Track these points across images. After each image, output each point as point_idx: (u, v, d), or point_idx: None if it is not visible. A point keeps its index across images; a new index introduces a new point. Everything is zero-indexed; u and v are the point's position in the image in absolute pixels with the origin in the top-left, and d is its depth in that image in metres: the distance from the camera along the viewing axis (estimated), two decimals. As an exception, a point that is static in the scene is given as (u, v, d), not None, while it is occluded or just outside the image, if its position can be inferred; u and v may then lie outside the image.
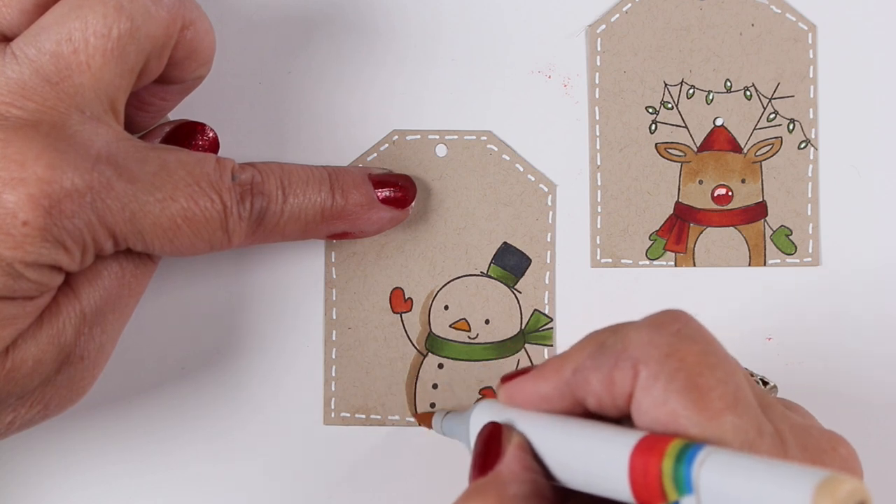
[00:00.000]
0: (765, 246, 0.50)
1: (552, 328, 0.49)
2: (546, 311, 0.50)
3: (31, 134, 0.38)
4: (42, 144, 0.38)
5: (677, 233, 0.50)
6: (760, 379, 0.45)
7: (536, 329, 0.49)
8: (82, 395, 0.42)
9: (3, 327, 0.39)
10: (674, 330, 0.36)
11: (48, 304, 0.40)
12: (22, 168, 0.38)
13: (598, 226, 0.50)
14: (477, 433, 0.41)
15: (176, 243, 0.41)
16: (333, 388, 0.49)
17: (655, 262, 0.50)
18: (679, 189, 0.50)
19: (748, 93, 0.50)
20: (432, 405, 0.49)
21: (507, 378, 0.41)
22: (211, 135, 0.46)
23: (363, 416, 0.49)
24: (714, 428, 0.35)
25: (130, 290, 0.43)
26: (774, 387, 0.45)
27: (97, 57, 0.39)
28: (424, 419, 0.49)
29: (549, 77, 0.50)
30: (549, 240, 0.50)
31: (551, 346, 0.49)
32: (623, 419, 0.38)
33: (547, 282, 0.50)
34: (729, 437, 0.35)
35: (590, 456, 0.37)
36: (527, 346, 0.49)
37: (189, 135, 0.46)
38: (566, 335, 0.50)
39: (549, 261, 0.50)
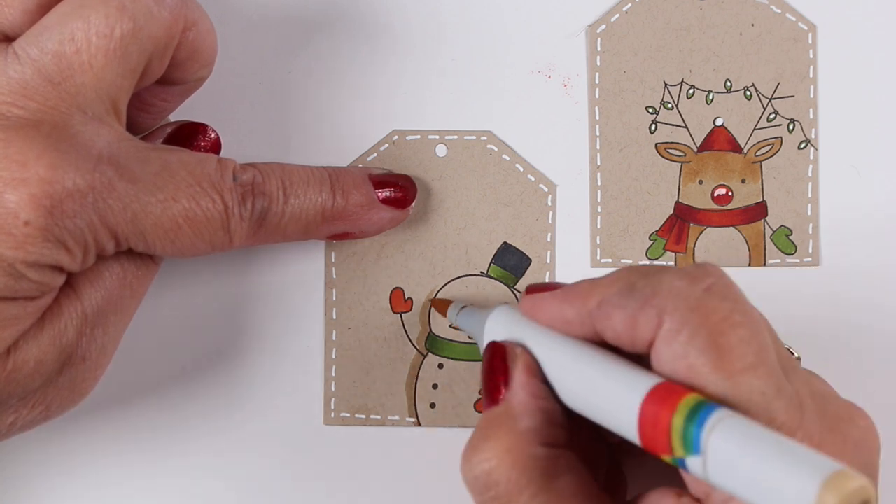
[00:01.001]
0: (765, 246, 0.50)
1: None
2: (546, 311, 0.50)
3: (33, 134, 0.38)
4: (44, 144, 0.38)
5: (677, 233, 0.50)
6: (787, 349, 0.45)
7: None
8: (84, 395, 0.42)
9: (5, 328, 0.39)
10: (705, 285, 0.36)
11: (50, 305, 0.40)
12: (23, 168, 0.38)
13: (598, 226, 0.50)
14: (488, 340, 0.41)
15: (177, 244, 0.41)
16: (333, 388, 0.49)
17: (655, 262, 0.50)
18: (679, 189, 0.50)
19: (748, 93, 0.50)
20: (433, 405, 0.49)
21: (532, 290, 0.41)
22: (213, 135, 0.46)
23: (363, 416, 0.49)
24: (731, 387, 0.35)
25: (132, 290, 0.43)
26: (798, 358, 0.45)
27: (99, 57, 0.39)
28: (440, 306, 0.48)
29: (549, 77, 0.50)
30: (549, 240, 0.50)
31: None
32: (641, 358, 0.38)
33: (547, 282, 0.50)
34: (745, 398, 0.35)
35: (602, 390, 0.37)
36: (527, 346, 0.49)
37: (191, 135, 0.46)
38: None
39: (549, 261, 0.50)
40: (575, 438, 0.39)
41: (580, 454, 0.39)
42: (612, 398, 0.36)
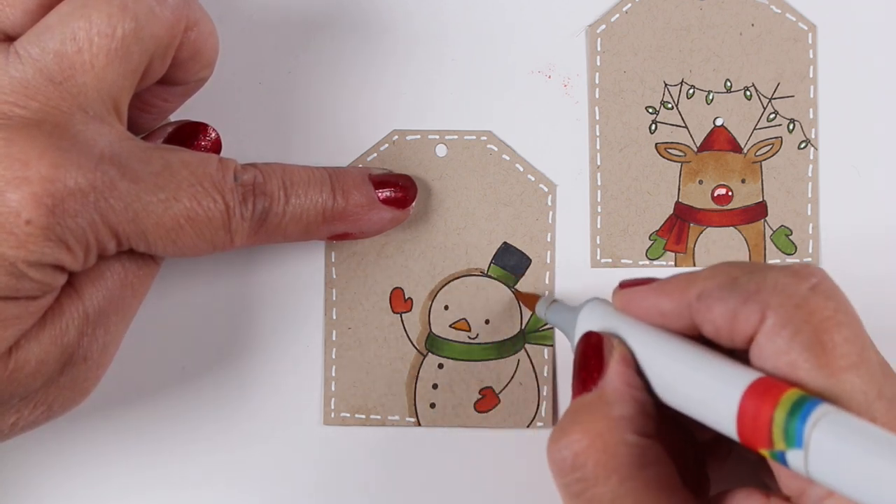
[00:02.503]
0: (765, 246, 0.50)
1: (552, 328, 0.49)
2: (546, 311, 0.50)
3: (35, 133, 0.38)
4: (45, 144, 0.38)
5: (677, 233, 0.50)
6: None
7: (536, 329, 0.49)
8: (86, 395, 0.42)
9: (6, 327, 0.39)
10: (810, 283, 0.37)
11: (51, 305, 0.40)
12: (25, 167, 0.38)
13: (598, 226, 0.50)
14: (583, 332, 0.42)
15: (178, 243, 0.41)
16: (333, 389, 0.49)
17: (655, 262, 0.50)
18: (679, 189, 0.50)
19: (748, 93, 0.50)
20: (433, 405, 0.49)
21: (626, 284, 0.41)
22: (213, 135, 0.46)
23: (363, 416, 0.49)
24: (833, 385, 0.35)
25: (133, 290, 0.43)
26: None
27: (101, 56, 0.39)
28: (528, 301, 0.48)
29: (549, 77, 0.50)
30: (549, 240, 0.50)
31: (551, 345, 0.49)
32: (735, 352, 0.38)
33: (547, 282, 0.50)
34: (847, 396, 0.35)
35: (700, 384, 0.37)
36: (527, 346, 0.49)
37: (192, 135, 0.46)
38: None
39: (549, 261, 0.50)
40: (663, 432, 0.40)
41: (667, 448, 0.39)
42: (710, 391, 0.37)
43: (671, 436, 0.41)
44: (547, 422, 0.49)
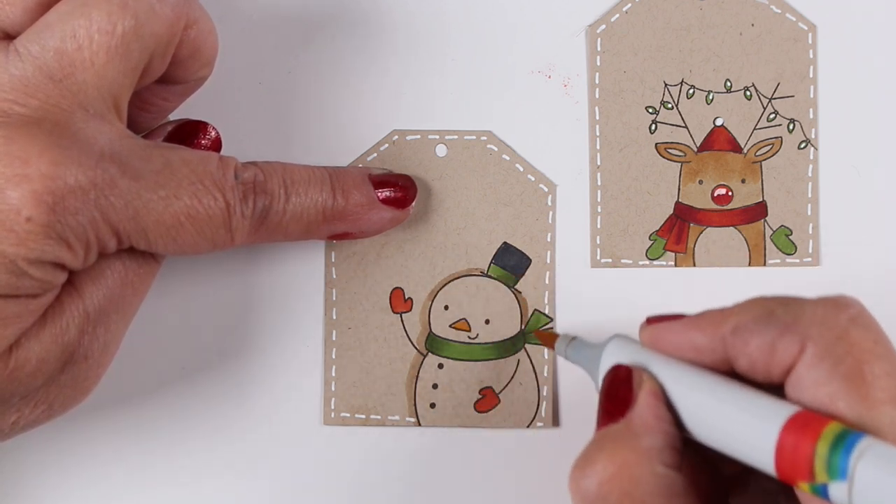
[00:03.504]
0: (765, 246, 0.50)
1: (552, 328, 0.49)
2: (546, 311, 0.50)
3: (35, 131, 0.38)
4: (45, 141, 0.38)
5: (677, 233, 0.50)
6: None
7: (536, 329, 0.49)
8: (86, 394, 0.42)
9: (7, 326, 0.39)
10: (850, 315, 0.37)
11: (52, 303, 0.40)
12: (25, 165, 0.38)
13: (598, 226, 0.50)
14: (609, 365, 0.41)
15: (179, 242, 0.41)
16: (333, 388, 0.49)
17: (655, 262, 0.50)
18: (679, 189, 0.50)
19: (748, 93, 0.50)
20: (433, 405, 0.49)
21: (654, 319, 0.41)
22: (213, 134, 0.46)
23: (363, 416, 0.49)
24: (872, 417, 0.35)
25: (134, 289, 0.42)
26: None
27: (101, 54, 0.39)
28: (547, 340, 0.47)
29: (549, 77, 0.50)
30: (549, 240, 0.50)
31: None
32: (769, 387, 0.38)
33: (547, 282, 0.50)
34: (886, 429, 0.35)
35: (735, 419, 0.37)
36: (527, 346, 0.49)
37: (192, 134, 0.46)
38: (566, 335, 0.50)
39: (549, 261, 0.50)
40: (688, 466, 0.39)
41: (692, 481, 0.39)
42: (747, 425, 0.37)
43: (697, 469, 0.40)
44: (547, 422, 0.49)
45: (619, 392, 0.40)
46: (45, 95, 0.39)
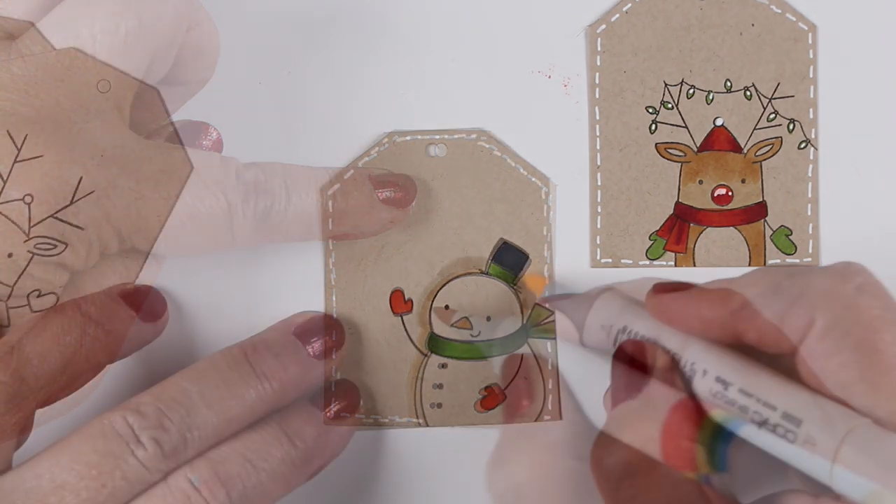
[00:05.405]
0: (765, 246, 0.50)
1: (554, 321, 0.49)
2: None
3: (37, 131, 0.38)
4: (48, 141, 0.38)
5: (677, 233, 0.50)
6: None
7: (538, 323, 0.49)
8: (88, 395, 0.42)
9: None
10: (856, 283, 0.37)
11: (53, 303, 0.40)
12: (28, 164, 0.38)
13: (598, 226, 0.50)
14: (594, 326, 0.41)
15: (180, 242, 0.41)
16: (334, 389, 0.49)
17: (655, 262, 0.50)
18: (679, 189, 0.50)
19: (748, 93, 0.50)
20: (438, 405, 0.49)
21: (662, 289, 0.41)
22: (215, 135, 0.46)
23: (363, 417, 0.49)
24: (886, 384, 0.35)
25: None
26: None
27: (103, 54, 0.39)
28: (535, 284, 0.47)
29: (549, 77, 0.50)
30: (548, 239, 0.50)
31: (554, 338, 0.49)
32: (778, 356, 0.38)
33: (546, 276, 0.50)
34: None
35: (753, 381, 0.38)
36: (530, 340, 0.49)
37: (193, 135, 0.46)
38: (566, 335, 0.50)
39: (548, 260, 0.50)
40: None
41: None
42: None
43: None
44: (554, 415, 0.49)
45: (634, 367, 0.40)
46: (47, 95, 0.39)
